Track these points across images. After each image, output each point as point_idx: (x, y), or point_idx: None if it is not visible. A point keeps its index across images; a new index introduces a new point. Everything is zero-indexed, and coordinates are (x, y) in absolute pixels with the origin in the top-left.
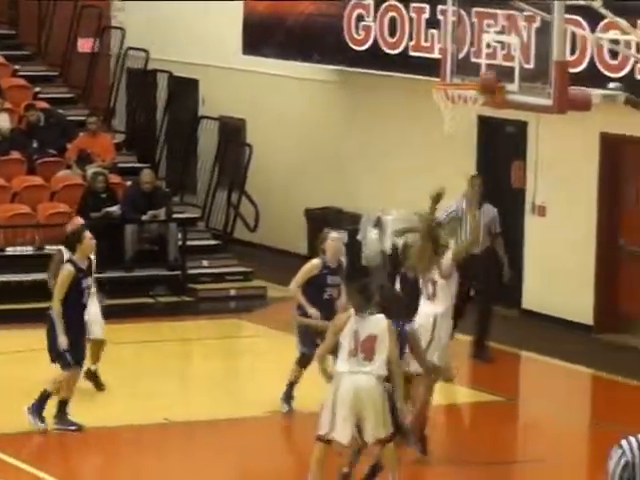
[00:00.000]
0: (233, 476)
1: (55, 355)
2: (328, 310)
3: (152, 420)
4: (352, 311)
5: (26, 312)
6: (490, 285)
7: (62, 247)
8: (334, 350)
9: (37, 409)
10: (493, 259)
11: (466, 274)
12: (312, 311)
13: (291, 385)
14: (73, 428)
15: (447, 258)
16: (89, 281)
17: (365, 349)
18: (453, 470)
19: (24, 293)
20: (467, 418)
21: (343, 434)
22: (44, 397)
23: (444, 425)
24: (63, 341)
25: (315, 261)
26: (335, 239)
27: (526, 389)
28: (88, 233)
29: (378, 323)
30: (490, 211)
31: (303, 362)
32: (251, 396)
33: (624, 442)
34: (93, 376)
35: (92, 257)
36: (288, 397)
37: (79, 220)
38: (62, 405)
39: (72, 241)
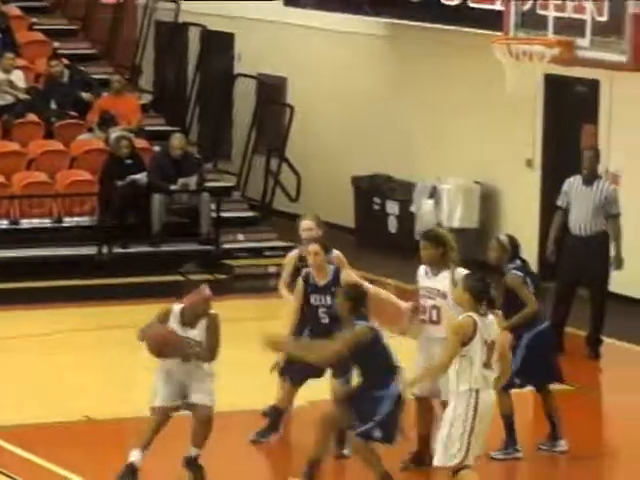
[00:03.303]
0: None
1: None
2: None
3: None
4: (474, 315)
5: (42, 290)
6: (602, 275)
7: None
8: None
9: None
10: (605, 245)
11: (572, 261)
12: None
13: None
14: None
15: None
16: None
17: (492, 357)
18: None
19: (41, 269)
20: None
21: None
22: None
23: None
24: None
25: (292, 252)
26: (307, 228)
27: (600, 377)
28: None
29: (494, 326)
30: (604, 189)
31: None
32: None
33: None
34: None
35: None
36: None
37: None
38: None
39: None
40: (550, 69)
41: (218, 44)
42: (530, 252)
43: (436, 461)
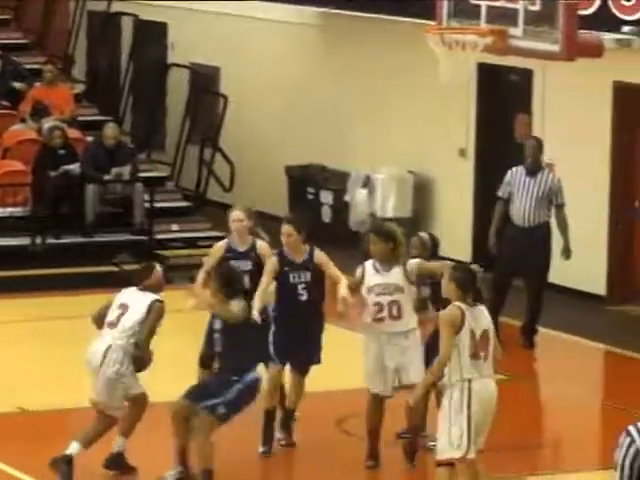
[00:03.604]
0: None
1: None
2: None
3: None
4: (462, 305)
5: None
6: (543, 265)
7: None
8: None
9: None
10: (548, 236)
11: (513, 252)
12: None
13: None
14: None
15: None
16: None
17: (484, 348)
18: None
19: None
20: None
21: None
22: None
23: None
24: None
25: (220, 242)
26: (236, 219)
27: (534, 366)
28: None
29: (485, 316)
30: (548, 179)
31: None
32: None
33: (632, 429)
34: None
35: None
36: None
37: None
38: None
39: None
40: (483, 58)
41: (151, 34)
42: (464, 241)
43: (439, 454)
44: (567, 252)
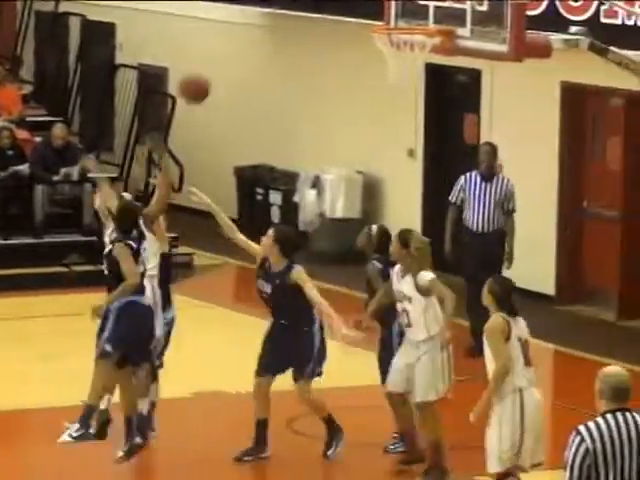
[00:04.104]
0: None
1: None
2: None
3: (71, 402)
4: (503, 314)
5: None
6: (496, 271)
7: None
8: None
9: None
10: (501, 240)
11: (474, 258)
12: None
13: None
14: None
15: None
16: None
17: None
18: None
19: None
20: None
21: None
22: None
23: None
24: None
25: None
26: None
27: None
28: None
29: (524, 325)
30: (503, 185)
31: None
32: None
33: (582, 428)
34: None
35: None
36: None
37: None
38: None
39: None
40: (431, 58)
41: (99, 34)
42: None
43: (491, 468)
44: (510, 259)
